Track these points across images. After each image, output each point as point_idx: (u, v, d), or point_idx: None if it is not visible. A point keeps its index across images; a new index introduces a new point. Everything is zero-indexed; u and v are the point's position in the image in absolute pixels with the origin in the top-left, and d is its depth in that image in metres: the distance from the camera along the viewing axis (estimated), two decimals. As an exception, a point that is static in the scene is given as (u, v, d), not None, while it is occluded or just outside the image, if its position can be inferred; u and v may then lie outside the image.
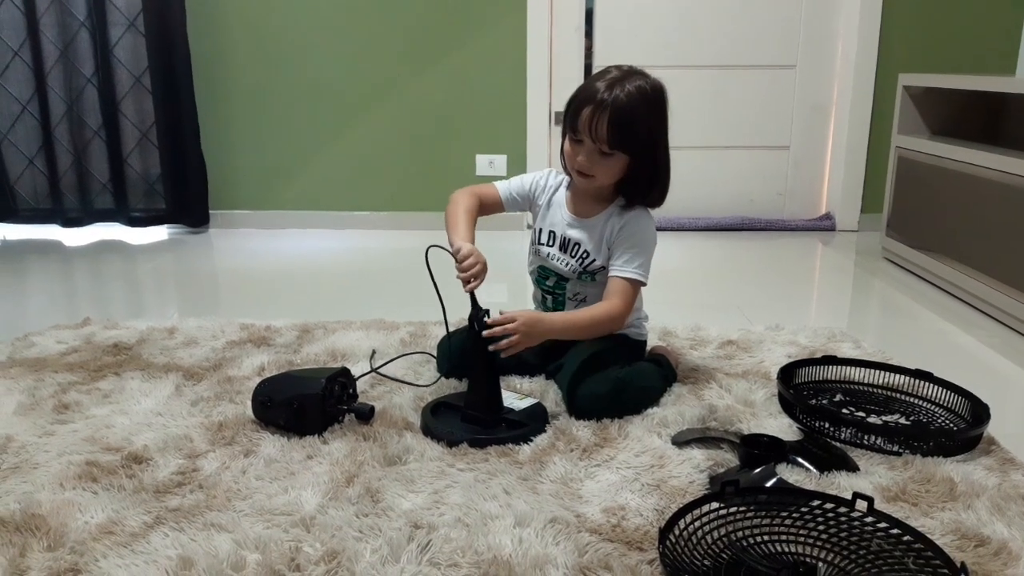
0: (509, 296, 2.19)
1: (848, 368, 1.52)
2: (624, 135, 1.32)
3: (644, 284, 1.43)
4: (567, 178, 1.50)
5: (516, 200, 1.53)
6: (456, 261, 1.34)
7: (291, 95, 2.97)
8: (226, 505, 1.10)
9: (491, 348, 1.28)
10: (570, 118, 1.37)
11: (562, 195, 1.50)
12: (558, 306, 1.51)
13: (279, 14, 2.89)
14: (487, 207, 1.50)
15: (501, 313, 1.30)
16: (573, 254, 1.46)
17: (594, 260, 1.44)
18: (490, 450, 1.25)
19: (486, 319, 1.30)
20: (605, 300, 1.41)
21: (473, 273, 1.31)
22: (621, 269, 1.41)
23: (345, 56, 2.93)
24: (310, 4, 2.88)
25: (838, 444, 1.27)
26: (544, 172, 1.55)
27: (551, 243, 1.49)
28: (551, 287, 1.51)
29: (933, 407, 1.41)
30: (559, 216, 1.49)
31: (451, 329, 1.45)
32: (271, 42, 2.92)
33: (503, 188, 1.53)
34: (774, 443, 1.22)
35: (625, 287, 1.40)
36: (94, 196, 2.99)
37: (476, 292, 1.32)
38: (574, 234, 1.46)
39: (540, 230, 1.51)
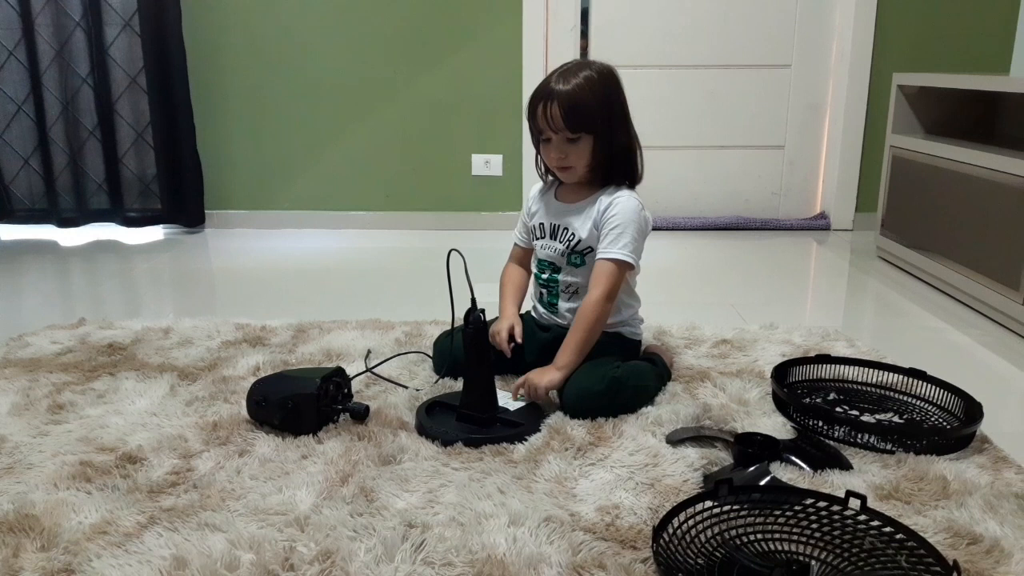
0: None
1: (842, 367, 1.52)
2: (579, 115, 1.37)
3: (632, 266, 1.43)
4: (555, 182, 1.54)
5: (528, 236, 1.59)
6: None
7: (287, 95, 2.96)
8: (220, 505, 1.10)
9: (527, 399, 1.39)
10: (531, 123, 1.43)
11: (550, 193, 1.54)
12: (552, 299, 1.53)
13: (275, 14, 2.89)
14: (527, 263, 1.60)
15: (484, 318, 1.34)
16: (561, 239, 1.49)
17: (580, 240, 1.46)
18: (485, 449, 1.25)
19: (483, 317, 1.32)
20: (588, 294, 1.42)
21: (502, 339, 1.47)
22: (605, 251, 1.42)
23: (341, 56, 2.93)
24: (306, 4, 2.88)
25: (831, 443, 1.27)
26: (530, 191, 1.60)
27: (542, 235, 1.52)
28: (546, 280, 1.53)
29: (926, 405, 1.42)
30: (549, 208, 1.53)
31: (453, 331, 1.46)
32: (267, 42, 2.92)
33: (521, 240, 1.60)
34: (768, 442, 1.22)
35: (608, 269, 1.41)
36: (89, 196, 2.98)
37: (474, 291, 1.32)
38: (562, 220, 1.49)
39: (535, 227, 1.55)
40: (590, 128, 1.39)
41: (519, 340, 1.49)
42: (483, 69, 2.92)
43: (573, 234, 1.47)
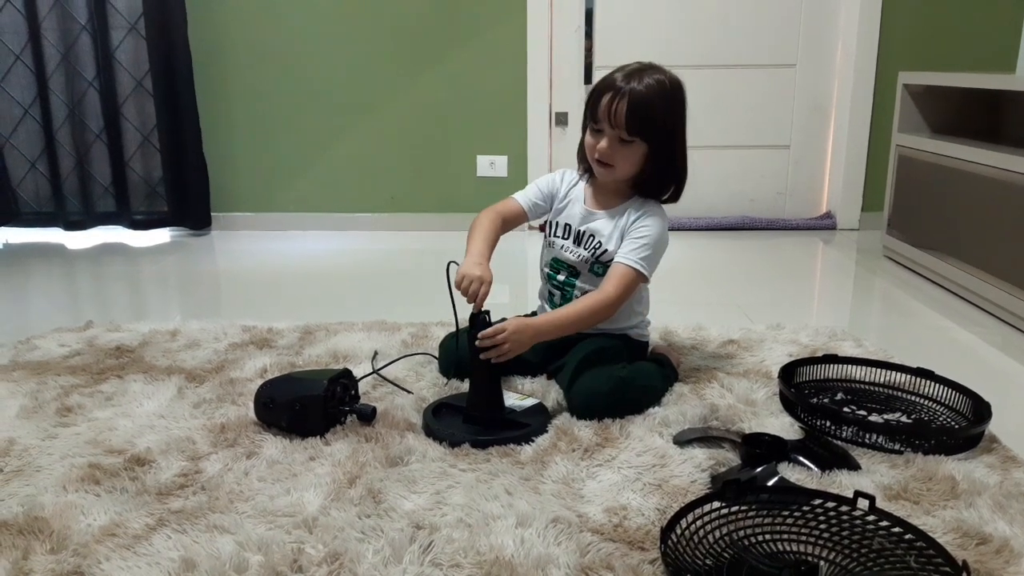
0: (510, 296, 2.20)
1: (849, 367, 1.52)
2: (642, 121, 1.35)
3: (646, 279, 1.42)
4: (586, 175, 1.51)
5: (538, 205, 1.54)
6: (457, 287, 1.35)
7: (292, 97, 2.97)
8: (228, 507, 1.10)
9: (482, 357, 1.30)
10: (590, 108, 1.39)
11: (580, 190, 1.51)
12: (566, 303, 1.50)
13: (280, 17, 2.89)
14: (510, 222, 1.52)
15: (489, 320, 1.32)
16: (587, 246, 1.47)
17: (606, 251, 1.45)
18: (492, 450, 1.25)
19: (487, 319, 1.32)
20: (599, 288, 1.41)
21: (471, 293, 1.32)
22: (624, 256, 1.41)
23: (346, 58, 2.93)
24: (311, 7, 2.88)
25: (839, 443, 1.27)
26: (560, 172, 1.56)
27: (566, 236, 1.50)
28: (561, 282, 1.51)
29: (934, 405, 1.41)
30: (577, 210, 1.50)
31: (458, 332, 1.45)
32: (272, 45, 2.92)
33: (522, 199, 1.54)
34: (776, 442, 1.22)
35: (624, 273, 1.39)
36: (96, 199, 3.00)
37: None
38: (590, 227, 1.47)
39: (556, 223, 1.52)
40: (647, 137, 1.37)
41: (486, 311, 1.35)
42: (487, 70, 2.92)
43: (600, 243, 1.45)
